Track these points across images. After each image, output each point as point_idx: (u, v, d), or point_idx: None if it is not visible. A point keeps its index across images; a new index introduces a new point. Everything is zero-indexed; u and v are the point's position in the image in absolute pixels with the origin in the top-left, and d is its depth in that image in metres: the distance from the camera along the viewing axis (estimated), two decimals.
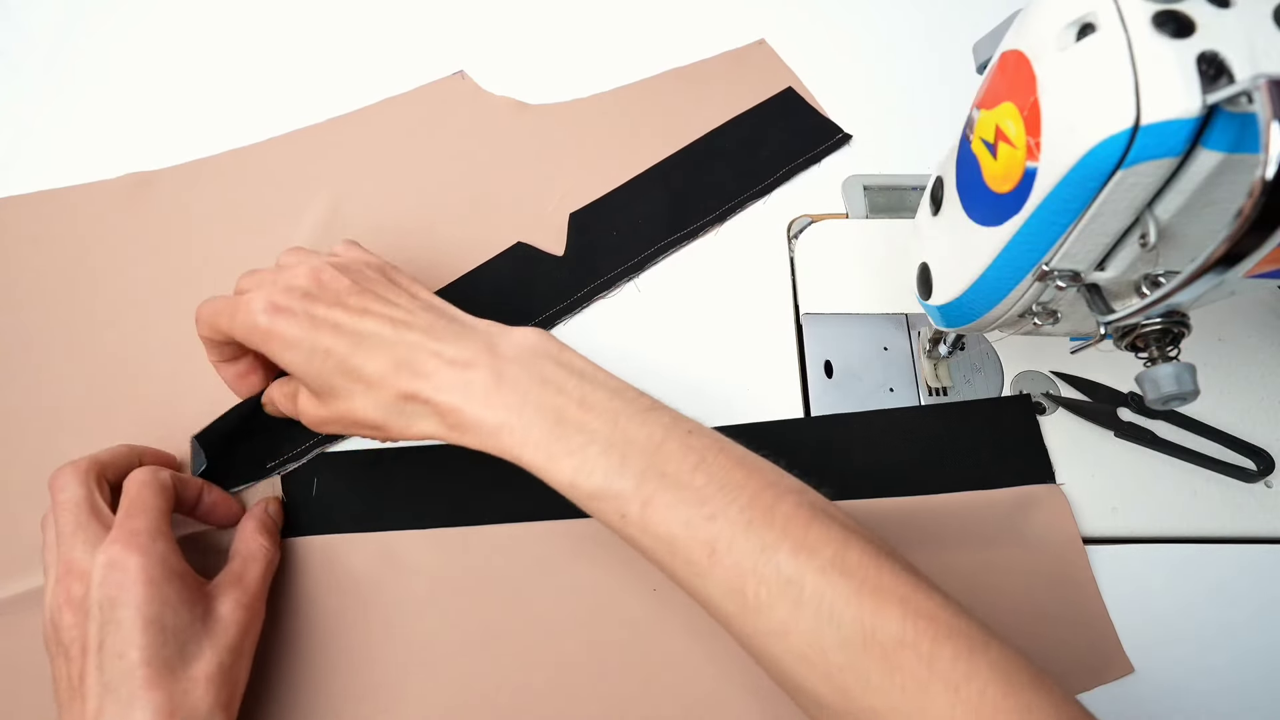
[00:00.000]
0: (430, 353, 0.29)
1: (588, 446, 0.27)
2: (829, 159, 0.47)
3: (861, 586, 0.25)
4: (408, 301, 0.31)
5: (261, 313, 0.29)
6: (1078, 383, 0.39)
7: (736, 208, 0.45)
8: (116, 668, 0.26)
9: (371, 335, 0.29)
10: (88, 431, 0.38)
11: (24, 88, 0.49)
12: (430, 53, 0.50)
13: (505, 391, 0.28)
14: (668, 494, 0.27)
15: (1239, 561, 0.36)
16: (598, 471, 0.27)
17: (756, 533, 0.26)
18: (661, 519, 0.27)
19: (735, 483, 0.27)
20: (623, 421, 0.28)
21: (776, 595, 0.25)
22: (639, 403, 0.29)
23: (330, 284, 0.30)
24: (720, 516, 0.26)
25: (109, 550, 0.28)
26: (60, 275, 0.42)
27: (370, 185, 0.45)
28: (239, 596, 0.30)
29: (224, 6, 0.52)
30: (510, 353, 0.29)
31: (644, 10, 0.53)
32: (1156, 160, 0.21)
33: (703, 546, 0.26)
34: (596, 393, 0.28)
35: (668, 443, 0.28)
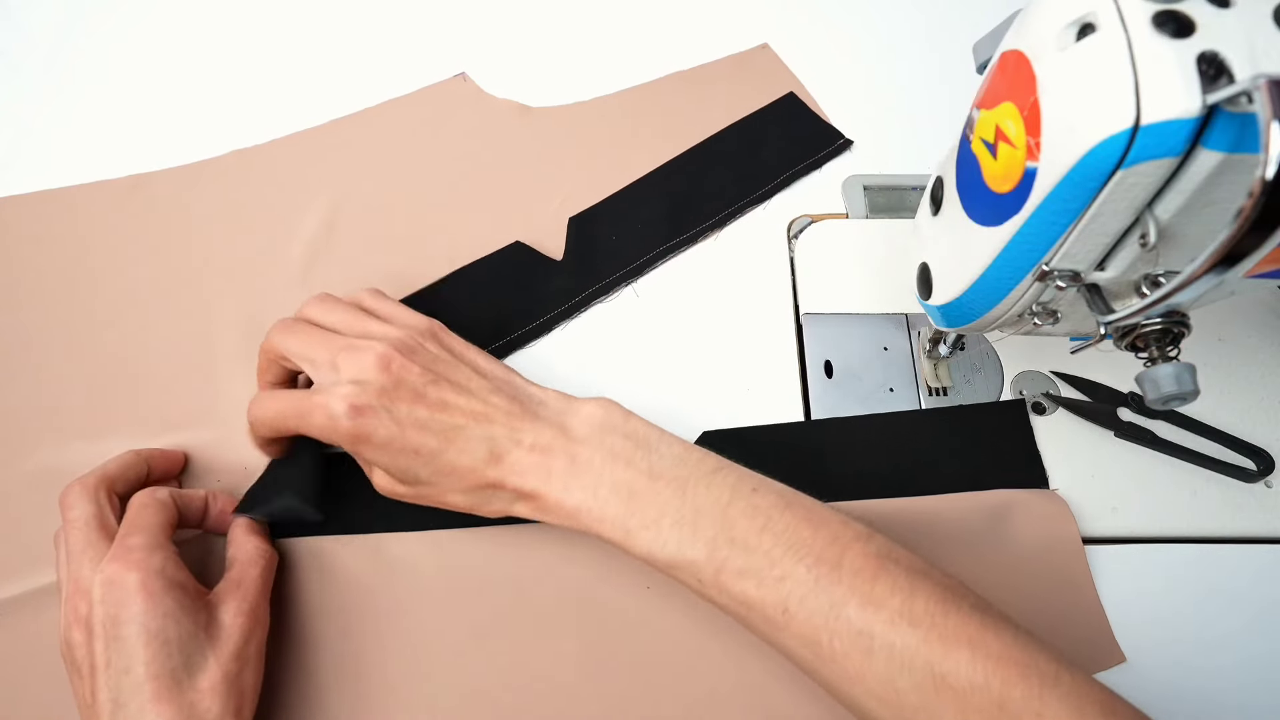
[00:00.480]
0: (512, 442, 0.30)
1: (660, 520, 0.29)
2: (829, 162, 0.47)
3: (929, 634, 0.26)
4: (478, 384, 0.31)
5: (345, 418, 0.29)
6: (1078, 383, 0.39)
7: (736, 213, 0.45)
8: (124, 683, 0.27)
9: (457, 433, 0.30)
10: (88, 431, 0.38)
11: (24, 88, 0.49)
12: (432, 54, 0.50)
13: (580, 474, 0.30)
14: (738, 559, 0.28)
15: (1239, 561, 0.36)
16: (670, 543, 0.29)
17: (825, 590, 0.27)
18: (734, 583, 0.28)
19: (802, 541, 0.28)
20: (690, 489, 0.29)
21: (849, 646, 0.27)
22: (704, 465, 0.30)
23: (404, 376, 0.30)
24: (789, 577, 0.28)
25: (106, 569, 0.28)
26: (60, 275, 0.42)
27: (371, 187, 0.45)
28: (240, 603, 0.30)
29: (225, 7, 0.52)
30: (581, 431, 0.31)
31: (646, 14, 0.53)
32: (1156, 160, 0.21)
33: (775, 606, 0.28)
34: (663, 462, 0.30)
35: (734, 506, 0.29)
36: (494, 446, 0.30)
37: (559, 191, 0.45)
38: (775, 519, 0.29)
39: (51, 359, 0.39)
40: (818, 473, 0.37)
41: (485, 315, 0.41)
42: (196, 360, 0.39)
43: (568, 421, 0.31)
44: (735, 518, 0.29)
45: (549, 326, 0.41)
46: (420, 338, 0.32)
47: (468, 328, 0.40)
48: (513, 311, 0.41)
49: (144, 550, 0.29)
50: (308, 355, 0.31)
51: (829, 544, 0.28)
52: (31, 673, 0.32)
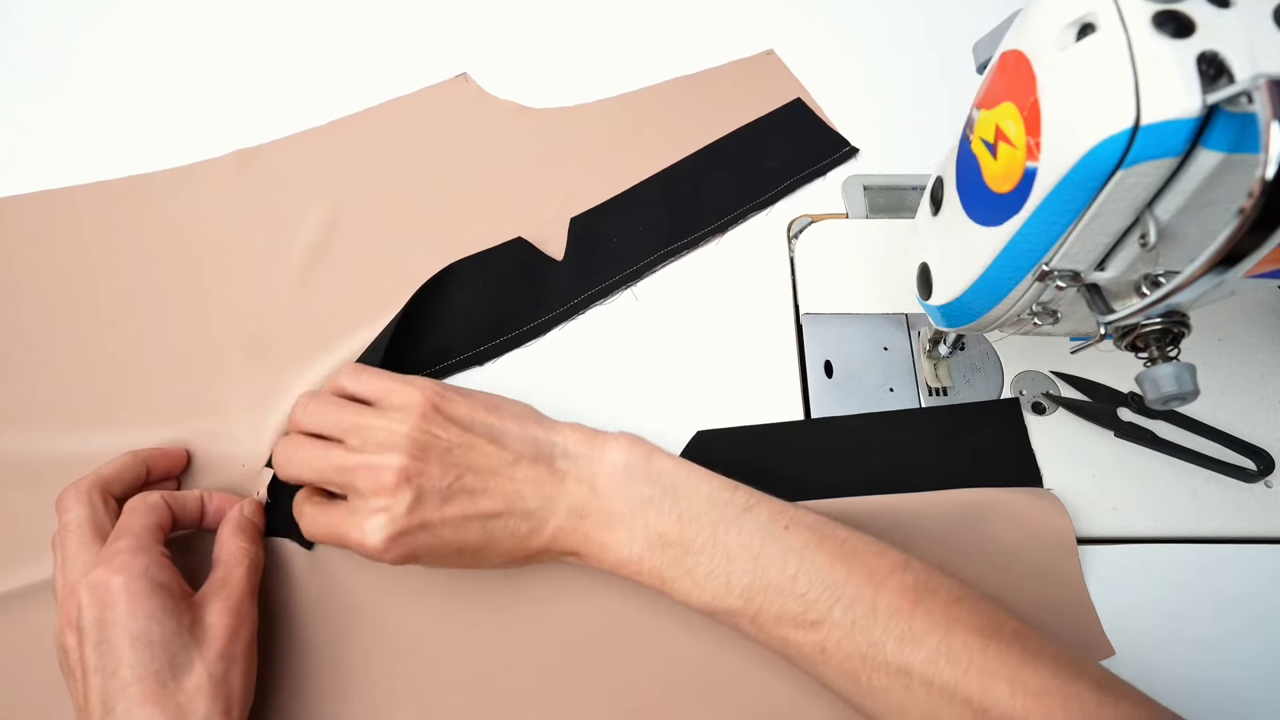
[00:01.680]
0: (549, 513, 0.30)
1: (694, 570, 0.30)
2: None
3: (968, 671, 0.26)
4: (499, 459, 0.30)
5: (385, 551, 0.29)
6: (1078, 383, 0.39)
7: (739, 219, 0.45)
8: (111, 686, 0.27)
9: (496, 522, 0.30)
10: (88, 430, 0.38)
11: (24, 88, 0.49)
12: (434, 55, 0.50)
13: (614, 530, 0.30)
14: (773, 605, 0.29)
15: (1239, 561, 0.36)
16: (706, 592, 0.29)
17: (862, 631, 0.28)
18: (772, 628, 0.29)
19: (836, 581, 0.28)
20: (721, 534, 0.30)
21: (888, 682, 0.27)
22: (734, 505, 0.30)
23: (424, 483, 0.29)
24: (825, 620, 0.28)
25: (92, 573, 0.28)
26: (61, 275, 0.42)
27: (372, 187, 0.45)
28: (224, 602, 0.30)
29: (226, 7, 0.52)
30: (609, 483, 0.31)
31: (649, 17, 0.53)
32: (1156, 160, 0.21)
33: (814, 647, 0.28)
34: (692, 507, 0.30)
35: (766, 550, 0.29)
36: (532, 523, 0.30)
37: (560, 193, 0.45)
38: (809, 560, 0.29)
39: (51, 358, 0.39)
40: (812, 471, 0.37)
41: (483, 308, 0.41)
42: (197, 360, 0.39)
43: (595, 473, 0.31)
44: (769, 563, 0.29)
45: (548, 326, 0.41)
46: (425, 425, 0.30)
47: (465, 319, 0.40)
48: (512, 308, 0.41)
49: (128, 553, 0.29)
50: (325, 482, 0.31)
51: (864, 583, 0.28)
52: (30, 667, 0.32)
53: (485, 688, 0.33)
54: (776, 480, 0.36)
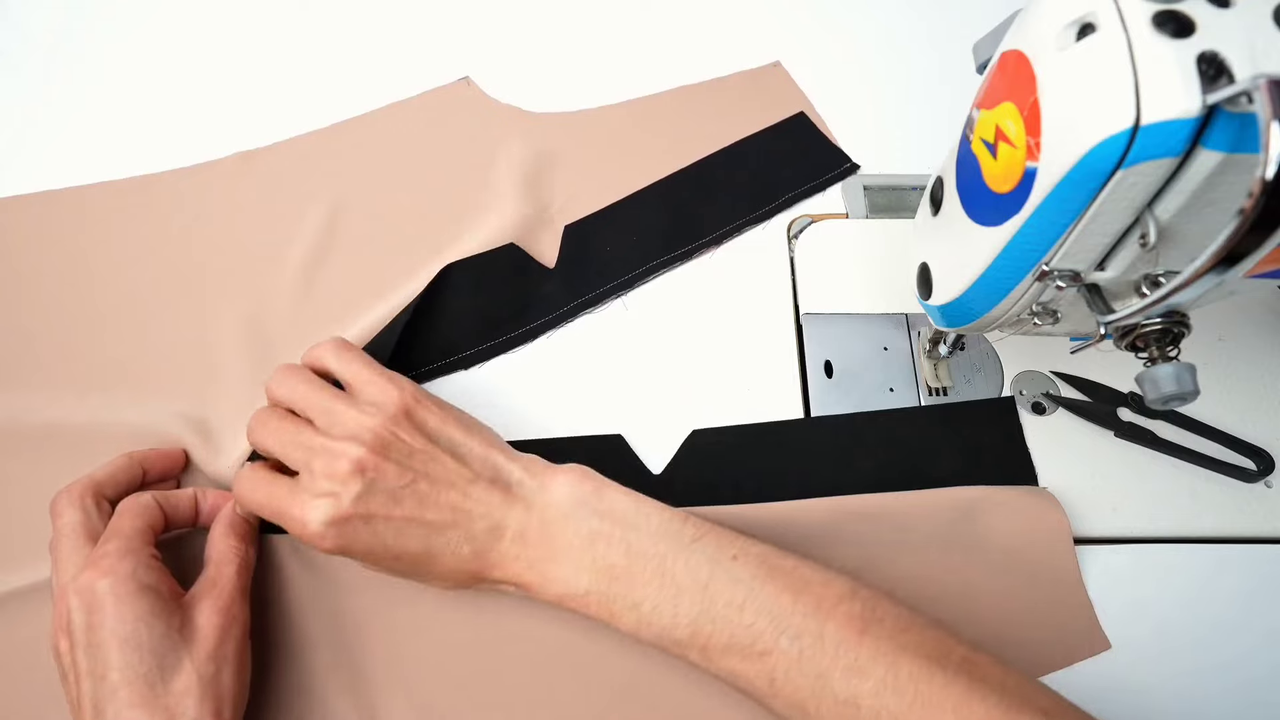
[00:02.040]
0: (494, 537, 0.30)
1: (641, 604, 0.29)
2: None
3: (913, 703, 0.26)
4: (457, 473, 0.30)
5: (321, 536, 0.29)
6: (1078, 383, 0.39)
7: (734, 232, 0.44)
8: (101, 690, 0.27)
9: (439, 535, 0.30)
10: (88, 430, 0.37)
11: (24, 88, 0.49)
12: (436, 58, 0.50)
13: (560, 562, 0.30)
14: (721, 636, 0.28)
15: (1239, 561, 0.36)
16: (654, 625, 0.29)
17: (809, 661, 0.27)
18: (720, 659, 0.29)
19: (783, 611, 0.28)
20: (668, 565, 0.29)
21: (837, 712, 0.27)
22: (682, 536, 0.30)
23: (379, 481, 0.29)
24: (772, 651, 0.28)
25: (80, 578, 0.28)
26: (60, 275, 0.42)
27: (373, 189, 0.45)
28: (214, 602, 0.30)
29: (227, 9, 0.52)
30: (557, 512, 0.30)
31: (652, 25, 0.53)
32: (1156, 160, 0.21)
33: (762, 678, 0.28)
34: (641, 539, 0.30)
35: (714, 581, 0.29)
36: (476, 545, 0.30)
37: (559, 198, 0.45)
38: (756, 590, 0.29)
39: (50, 359, 0.39)
40: (809, 470, 0.37)
41: (473, 312, 0.41)
42: (195, 361, 0.39)
43: (546, 503, 0.31)
44: (716, 594, 0.29)
45: (537, 332, 0.41)
46: (393, 425, 0.30)
47: (455, 323, 0.40)
48: (501, 314, 0.41)
49: (116, 556, 0.29)
50: (284, 455, 0.30)
51: (811, 613, 0.28)
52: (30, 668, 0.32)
53: (477, 685, 0.33)
54: (773, 479, 0.37)
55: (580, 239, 0.44)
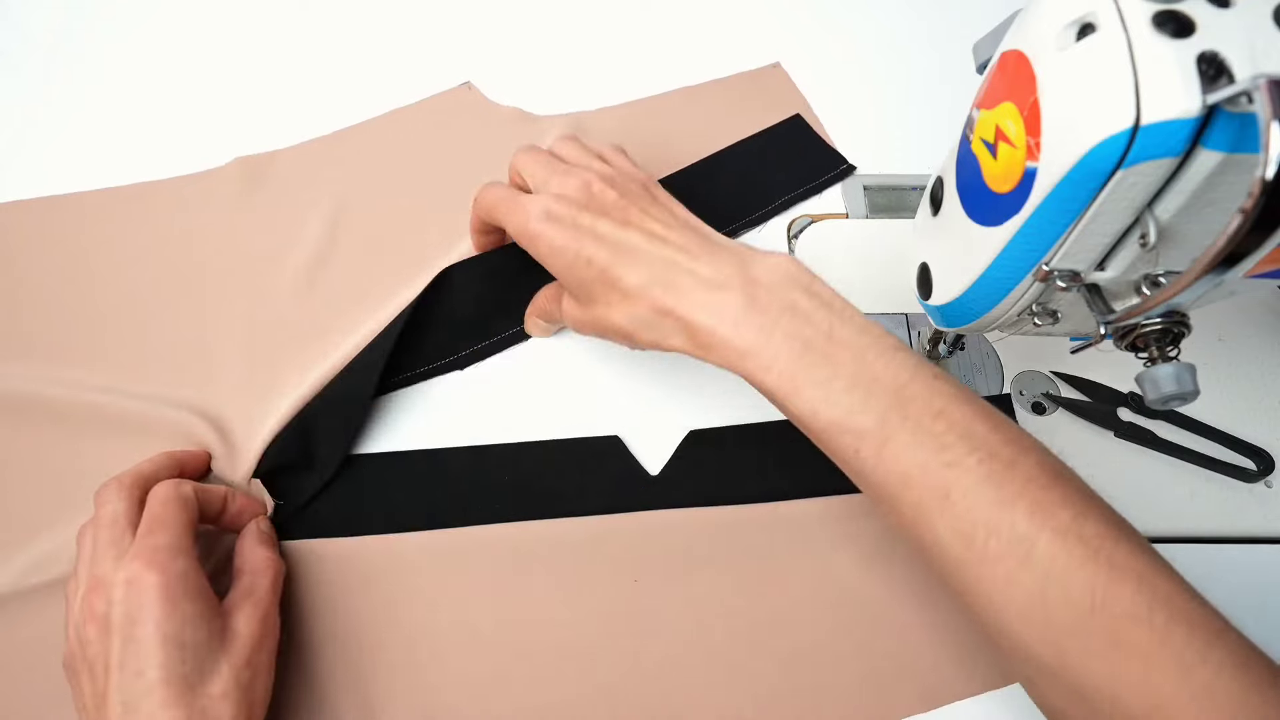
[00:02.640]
0: (685, 270, 0.30)
1: (832, 380, 0.28)
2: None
3: (1096, 555, 0.24)
4: (667, 217, 0.32)
5: (534, 219, 0.31)
6: (1078, 383, 0.39)
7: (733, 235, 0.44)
8: (136, 686, 0.27)
9: (631, 247, 0.31)
10: (86, 436, 0.37)
11: (24, 90, 0.49)
12: (438, 64, 0.50)
13: (755, 315, 0.29)
14: (907, 435, 0.27)
15: (1239, 561, 0.36)
16: (840, 405, 0.27)
17: (994, 485, 0.25)
18: (897, 458, 0.27)
19: (978, 434, 0.26)
20: (870, 357, 0.28)
21: (1006, 549, 0.25)
22: (885, 341, 0.29)
23: (599, 196, 0.32)
24: (958, 465, 0.26)
25: (129, 567, 0.28)
26: (62, 278, 0.42)
27: (375, 195, 0.45)
28: (252, 611, 0.30)
29: (229, 12, 0.52)
30: (764, 277, 0.30)
31: (652, 26, 0.53)
32: (1156, 160, 0.21)
33: (935, 491, 0.26)
34: (844, 327, 0.29)
35: (913, 384, 0.27)
36: (667, 272, 0.30)
37: None
38: (955, 407, 0.27)
39: (52, 364, 0.39)
40: (806, 469, 0.37)
41: (470, 313, 0.41)
42: (197, 367, 0.39)
43: (750, 266, 0.30)
44: (912, 396, 0.27)
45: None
46: (630, 181, 0.33)
47: (452, 324, 0.40)
48: (496, 315, 0.41)
49: (168, 553, 0.29)
50: (531, 171, 0.34)
51: (1005, 443, 0.26)
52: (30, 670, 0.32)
53: (489, 686, 0.33)
54: (772, 480, 0.37)
55: None
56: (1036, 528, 0.25)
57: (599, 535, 0.36)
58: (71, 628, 0.29)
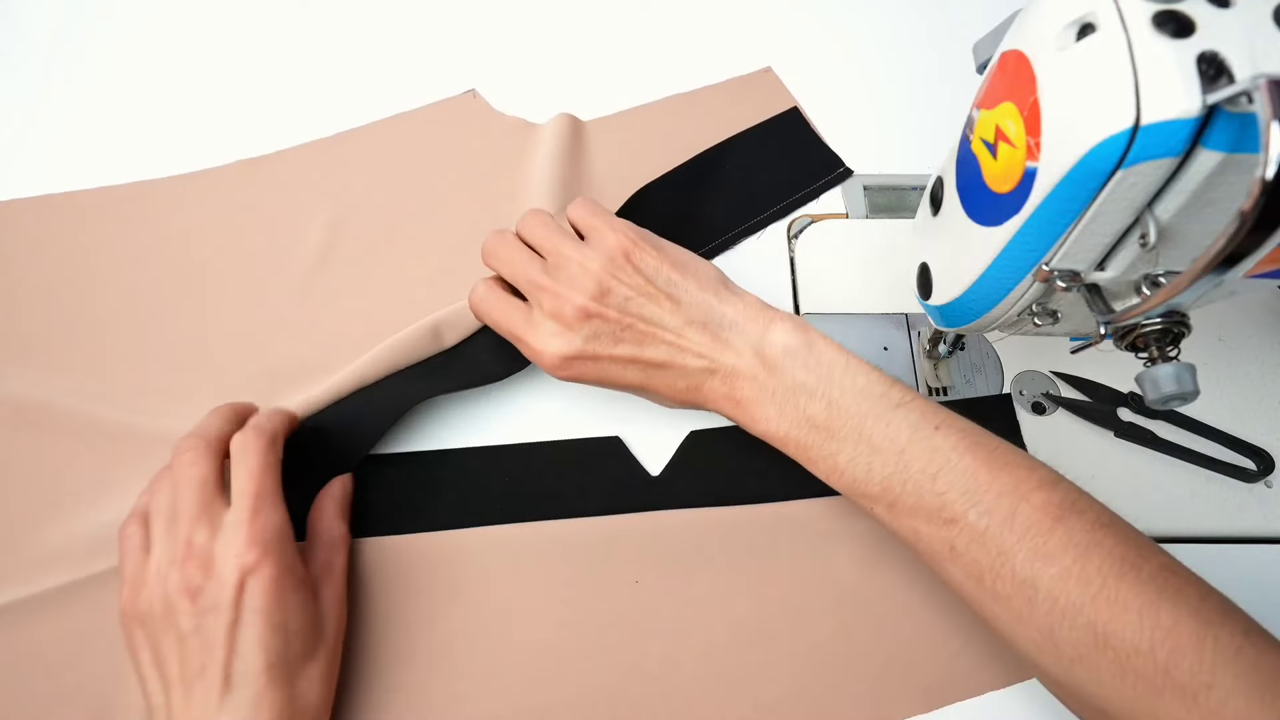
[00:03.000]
0: (707, 373, 0.32)
1: (837, 454, 0.30)
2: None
3: (1097, 596, 0.25)
4: (671, 319, 0.33)
5: (557, 368, 0.33)
6: (1078, 383, 0.39)
7: (730, 243, 0.44)
8: (242, 667, 0.28)
9: (656, 371, 0.33)
10: (87, 434, 0.37)
11: (24, 89, 0.49)
12: (442, 70, 0.50)
13: (767, 404, 0.32)
14: (910, 498, 0.29)
15: (1239, 561, 0.36)
16: (846, 474, 0.30)
17: (994, 539, 0.27)
18: (904, 519, 0.29)
19: (978, 486, 0.28)
20: (869, 424, 0.30)
21: (1012, 590, 0.27)
22: (885, 400, 0.30)
23: (601, 326, 0.32)
24: (959, 521, 0.28)
25: (245, 554, 0.29)
26: (62, 279, 0.42)
27: (376, 200, 0.45)
28: (334, 592, 0.32)
29: (230, 14, 0.52)
30: (768, 363, 0.32)
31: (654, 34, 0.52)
32: (1156, 160, 0.21)
33: (943, 543, 0.28)
34: (844, 395, 0.31)
35: (912, 446, 0.29)
36: (690, 381, 0.33)
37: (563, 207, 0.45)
38: (954, 463, 0.28)
39: (51, 363, 0.39)
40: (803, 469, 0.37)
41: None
42: (195, 368, 0.39)
43: (757, 349, 0.32)
44: (912, 459, 0.29)
45: None
46: (614, 269, 0.33)
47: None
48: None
49: (281, 540, 0.30)
50: (515, 282, 0.34)
51: (1006, 492, 0.28)
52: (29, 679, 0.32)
53: (490, 686, 0.33)
54: (771, 480, 0.37)
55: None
56: (1037, 572, 0.26)
57: (599, 536, 0.36)
58: (156, 587, 0.29)
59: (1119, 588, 0.25)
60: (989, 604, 0.28)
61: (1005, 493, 0.28)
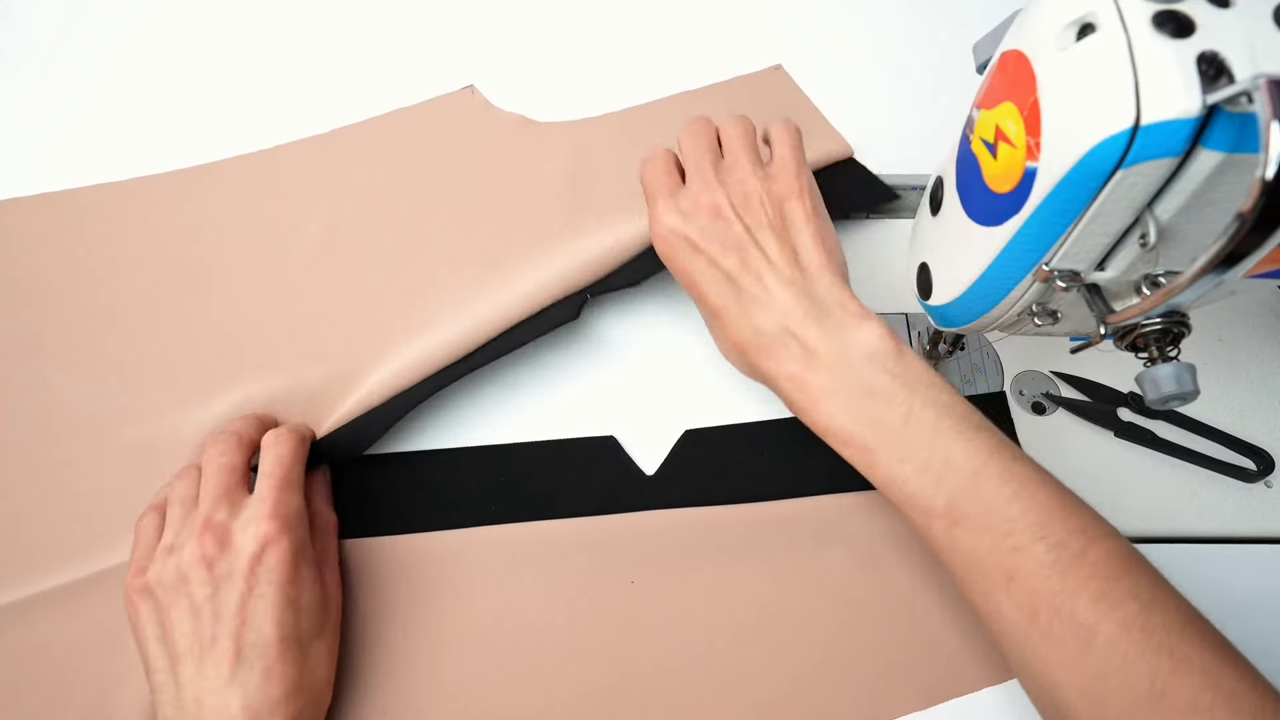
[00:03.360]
0: (781, 338, 0.31)
1: (905, 462, 0.29)
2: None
3: (1160, 647, 0.25)
4: (781, 272, 0.32)
5: (663, 230, 0.34)
6: (1078, 383, 0.39)
7: None
8: (254, 640, 0.28)
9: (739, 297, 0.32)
10: (86, 434, 0.37)
11: (24, 88, 0.49)
12: (441, 66, 0.50)
13: (837, 397, 0.30)
14: (976, 519, 0.28)
15: (1239, 561, 0.36)
16: (910, 484, 0.29)
17: (1060, 573, 0.26)
18: (965, 539, 0.28)
19: (1050, 520, 0.27)
20: (947, 440, 0.29)
21: (1068, 632, 0.26)
22: (967, 421, 0.29)
23: (726, 226, 0.33)
24: (1025, 550, 0.27)
25: (265, 525, 0.30)
26: (61, 277, 0.42)
27: (374, 196, 0.45)
28: (332, 573, 0.33)
29: (230, 11, 0.52)
30: (851, 354, 0.31)
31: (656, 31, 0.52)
32: (1156, 160, 0.21)
33: (1000, 571, 0.27)
34: (925, 409, 0.29)
35: (988, 467, 0.28)
36: (763, 332, 0.32)
37: (564, 206, 0.45)
38: (1029, 492, 0.28)
39: (51, 361, 0.39)
40: (802, 470, 0.37)
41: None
42: (194, 364, 0.39)
43: (844, 340, 0.31)
44: (986, 480, 0.28)
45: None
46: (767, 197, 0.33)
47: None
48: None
49: (298, 516, 0.31)
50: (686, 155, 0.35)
51: (1076, 532, 0.27)
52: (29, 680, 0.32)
53: (484, 688, 0.33)
54: (768, 480, 0.37)
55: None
56: (1099, 616, 0.25)
57: (595, 536, 0.36)
58: (168, 560, 0.29)
59: (1182, 644, 0.25)
60: (1037, 644, 0.26)
61: (1076, 532, 0.27)
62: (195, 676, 0.28)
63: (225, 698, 0.27)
